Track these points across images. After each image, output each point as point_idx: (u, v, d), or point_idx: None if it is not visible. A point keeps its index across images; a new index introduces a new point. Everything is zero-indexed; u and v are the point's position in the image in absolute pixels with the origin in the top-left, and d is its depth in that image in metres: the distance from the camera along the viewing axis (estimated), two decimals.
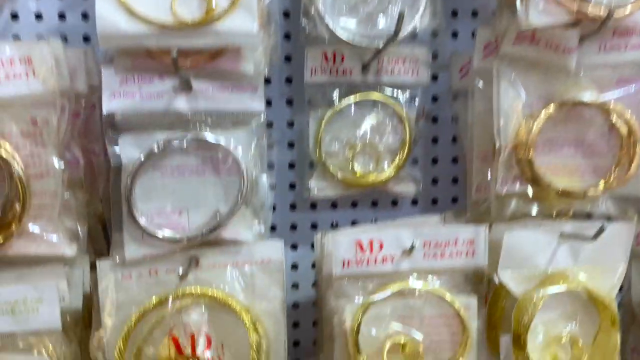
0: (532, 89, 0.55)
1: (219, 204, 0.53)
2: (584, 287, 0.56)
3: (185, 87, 0.51)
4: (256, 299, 0.54)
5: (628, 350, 0.66)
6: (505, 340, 0.58)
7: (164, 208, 0.53)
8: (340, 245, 0.52)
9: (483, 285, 0.54)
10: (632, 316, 0.66)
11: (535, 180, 0.54)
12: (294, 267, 0.72)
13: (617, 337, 0.57)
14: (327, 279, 0.53)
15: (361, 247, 0.51)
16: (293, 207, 0.71)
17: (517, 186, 0.55)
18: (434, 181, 0.71)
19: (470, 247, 0.53)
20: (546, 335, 0.58)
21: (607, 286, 0.57)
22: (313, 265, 0.72)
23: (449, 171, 0.71)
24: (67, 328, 0.55)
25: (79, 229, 0.52)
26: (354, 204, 0.71)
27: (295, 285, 0.73)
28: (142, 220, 0.51)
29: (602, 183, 0.55)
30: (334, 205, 0.71)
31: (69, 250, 0.50)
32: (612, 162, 0.55)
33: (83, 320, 0.57)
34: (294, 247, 0.72)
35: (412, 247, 0.51)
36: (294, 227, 0.71)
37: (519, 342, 0.56)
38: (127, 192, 0.51)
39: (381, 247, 0.52)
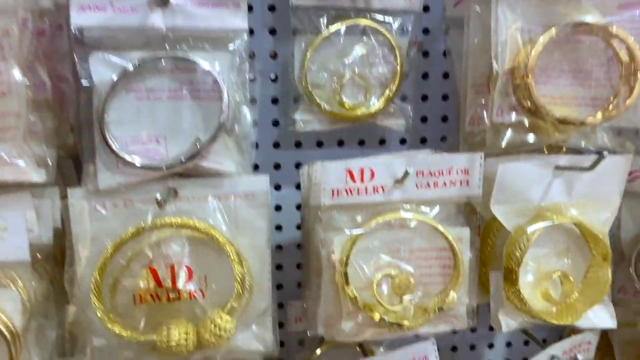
0: (532, 13, 0.52)
1: (199, 131, 0.50)
2: (577, 221, 0.55)
3: (161, 0, 0.47)
4: (240, 234, 0.52)
5: (615, 289, 0.65)
6: (495, 276, 0.56)
7: (139, 135, 0.49)
8: (330, 174, 0.49)
9: (476, 216, 0.52)
10: (620, 255, 0.65)
11: (532, 108, 0.52)
12: (278, 208, 0.70)
13: (609, 272, 0.56)
14: (315, 210, 0.51)
15: (351, 176, 0.49)
16: (276, 145, 0.68)
17: (514, 116, 0.53)
18: (423, 119, 0.69)
19: (464, 177, 0.50)
20: (537, 271, 0.57)
21: (601, 220, 0.56)
22: (297, 207, 0.70)
23: (439, 109, 0.69)
24: (37, 264, 0.51)
25: (47, 154, 0.48)
26: (340, 143, 0.69)
27: (278, 227, 0.70)
28: (116, 147, 0.48)
29: (600, 113, 0.53)
30: (319, 144, 0.68)
31: (37, 176, 0.46)
32: (611, 93, 0.53)
33: (54, 257, 0.54)
34: (278, 187, 0.69)
35: (405, 175, 0.48)
36: (277, 166, 0.68)
37: (511, 277, 0.55)
38: (99, 116, 0.48)
39: (372, 176, 0.49)
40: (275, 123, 0.67)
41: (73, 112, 0.55)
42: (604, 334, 0.67)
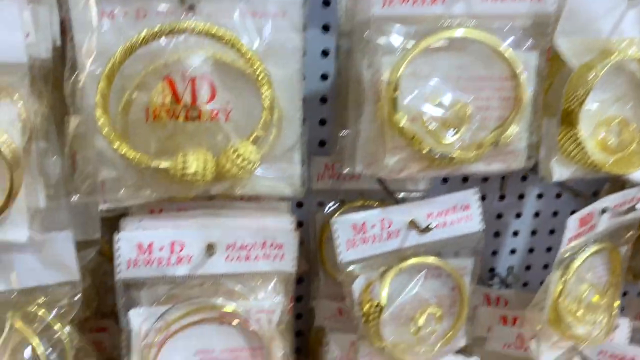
0: None
1: None
2: None
3: None
4: (268, 58, 0.44)
5: None
6: (548, 122, 0.51)
7: None
8: None
9: (547, 38, 0.45)
10: None
11: None
12: None
13: None
14: (361, 28, 0.43)
15: None
16: None
17: None
18: None
19: None
20: (596, 116, 0.51)
21: None
22: (324, 53, 0.62)
23: None
24: (35, 82, 0.44)
25: None
26: None
27: None
28: None
29: None
30: None
31: None
32: None
33: (53, 83, 0.47)
34: None
35: None
36: None
37: (569, 120, 0.49)
38: None
39: None
40: None
41: None
42: None
